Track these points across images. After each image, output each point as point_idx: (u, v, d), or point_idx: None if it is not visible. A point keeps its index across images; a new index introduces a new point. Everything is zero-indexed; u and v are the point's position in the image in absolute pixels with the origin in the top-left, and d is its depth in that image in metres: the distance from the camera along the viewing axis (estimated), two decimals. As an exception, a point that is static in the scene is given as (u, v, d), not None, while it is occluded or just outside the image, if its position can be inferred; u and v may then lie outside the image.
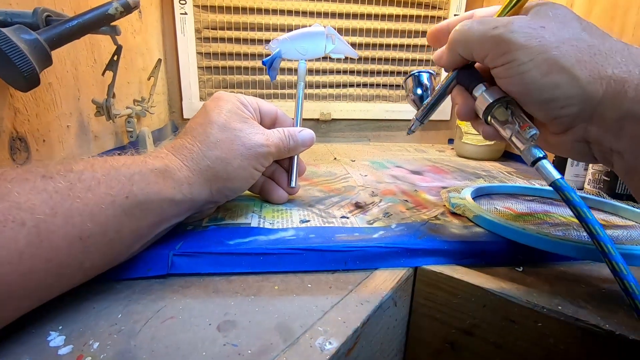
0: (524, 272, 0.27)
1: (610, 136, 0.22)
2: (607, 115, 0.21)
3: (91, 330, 0.19)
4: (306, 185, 0.43)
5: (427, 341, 0.28)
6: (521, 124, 0.24)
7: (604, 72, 0.21)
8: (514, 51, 0.22)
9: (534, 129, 0.23)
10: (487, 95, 0.25)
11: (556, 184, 0.22)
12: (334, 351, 0.19)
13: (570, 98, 0.22)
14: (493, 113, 0.25)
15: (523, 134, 0.23)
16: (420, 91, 0.32)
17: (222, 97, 0.31)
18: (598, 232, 0.20)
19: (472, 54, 0.25)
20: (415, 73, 0.32)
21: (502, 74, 0.24)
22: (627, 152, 0.21)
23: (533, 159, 0.23)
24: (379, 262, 0.27)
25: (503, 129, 0.25)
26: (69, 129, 0.37)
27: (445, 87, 0.29)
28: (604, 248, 0.20)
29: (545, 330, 0.23)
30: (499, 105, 0.25)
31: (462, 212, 0.34)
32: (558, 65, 0.21)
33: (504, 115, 0.25)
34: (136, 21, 0.54)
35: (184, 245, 0.26)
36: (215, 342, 0.19)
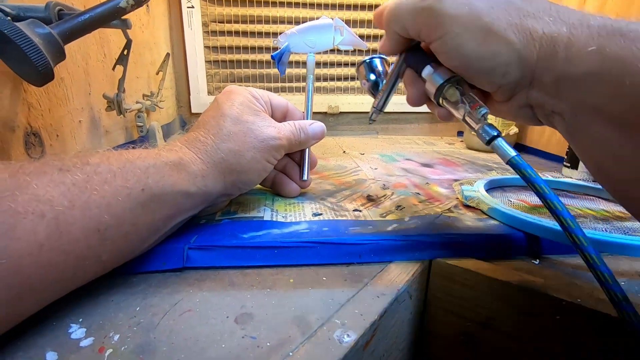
0: (540, 264, 0.27)
1: (550, 99, 0.21)
2: (544, 78, 0.21)
3: (110, 322, 0.20)
4: (317, 179, 0.42)
5: (443, 334, 0.28)
6: (471, 104, 0.23)
7: (536, 33, 0.20)
8: (446, 23, 0.21)
9: (485, 108, 0.23)
10: (436, 76, 0.24)
11: (512, 162, 0.21)
12: (353, 343, 0.19)
13: (509, 65, 0.21)
14: (444, 94, 0.24)
15: (474, 114, 0.23)
16: (373, 77, 0.31)
17: (234, 90, 0.31)
18: (557, 206, 0.20)
19: (407, 30, 0.24)
20: (366, 60, 0.32)
21: (439, 49, 0.23)
22: (566, 113, 0.21)
23: (488, 137, 0.22)
24: (394, 255, 0.27)
25: (455, 109, 0.24)
26: (81, 123, 0.37)
27: (396, 72, 0.28)
28: (564, 222, 0.20)
29: (565, 323, 0.23)
30: (449, 85, 0.24)
31: (476, 205, 0.33)
32: (492, 32, 0.20)
33: (454, 96, 0.24)
34: (144, 15, 0.54)
35: (199, 239, 0.26)
36: (233, 334, 0.19)
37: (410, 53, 0.26)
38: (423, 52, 0.26)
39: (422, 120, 0.78)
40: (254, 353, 0.18)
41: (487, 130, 0.22)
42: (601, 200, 0.37)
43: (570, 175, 0.47)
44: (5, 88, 0.26)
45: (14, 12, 0.25)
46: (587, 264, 0.19)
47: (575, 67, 0.19)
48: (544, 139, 0.59)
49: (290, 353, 0.18)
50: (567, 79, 0.20)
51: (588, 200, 0.37)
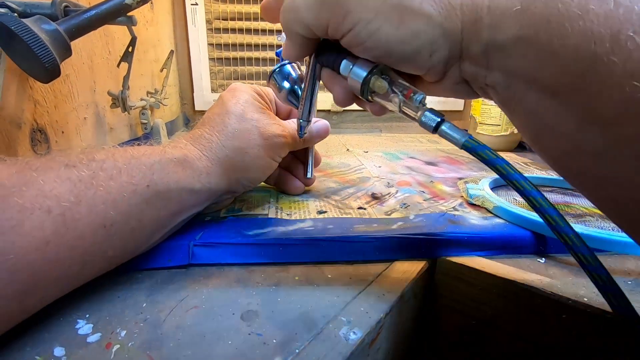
0: (546, 263, 0.27)
1: (481, 70, 0.19)
2: (472, 49, 0.19)
3: (117, 318, 0.20)
4: (321, 177, 0.42)
5: (447, 332, 0.28)
6: (404, 92, 0.21)
7: (454, 2, 0.18)
8: (354, 11, 0.19)
9: (420, 94, 0.20)
10: (356, 70, 0.22)
11: (467, 145, 0.19)
12: (359, 341, 0.19)
13: (434, 42, 0.19)
14: (371, 88, 0.22)
15: (411, 103, 0.20)
16: (288, 85, 0.29)
17: (239, 88, 0.31)
18: (524, 186, 0.19)
19: (310, 29, 0.21)
20: (275, 68, 0.29)
21: (353, 42, 0.20)
22: (499, 84, 0.19)
23: (433, 124, 0.20)
24: (399, 254, 0.27)
25: (388, 101, 0.22)
26: (86, 120, 0.37)
27: (311, 75, 0.25)
28: (534, 201, 0.19)
29: (570, 323, 0.22)
30: (374, 77, 0.21)
31: (481, 204, 0.33)
32: (407, 9, 0.18)
33: (382, 88, 0.21)
34: (148, 12, 0.54)
35: (204, 236, 0.26)
36: (239, 331, 0.19)
37: (320, 52, 0.24)
38: (334, 45, 0.22)
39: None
40: (261, 350, 0.18)
41: (429, 116, 0.20)
42: (607, 199, 0.37)
43: (575, 174, 0.47)
44: (11, 85, 0.26)
45: (20, 8, 0.25)
46: (567, 247, 0.19)
47: (502, 33, 0.17)
48: (549, 137, 0.59)
49: (296, 350, 0.18)
50: (495, 46, 0.18)
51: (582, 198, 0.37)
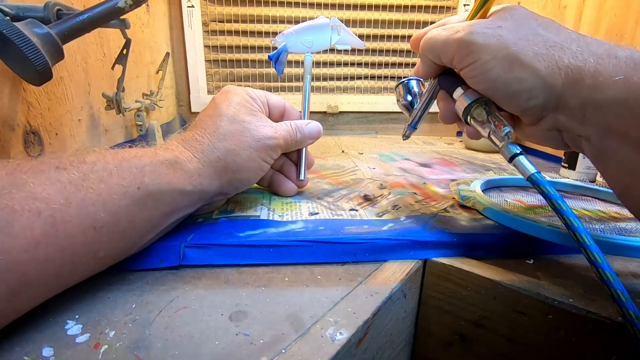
0: (534, 264, 0.27)
1: (576, 123, 0.23)
2: (570, 103, 0.22)
3: (107, 319, 0.20)
4: (314, 178, 0.43)
5: (437, 333, 0.28)
6: (496, 123, 0.25)
7: (562, 62, 0.22)
8: (476, 51, 0.23)
9: (508, 127, 0.25)
10: (465, 97, 0.27)
11: (532, 178, 0.23)
12: (345, 341, 0.19)
13: (533, 90, 0.23)
14: (471, 113, 0.26)
15: (499, 132, 0.25)
16: (410, 97, 0.34)
17: (231, 90, 0.31)
18: (573, 223, 0.21)
19: (440, 58, 0.27)
20: (404, 81, 0.34)
21: (469, 74, 0.25)
22: (592, 137, 0.22)
23: (510, 155, 0.24)
24: (389, 254, 0.27)
25: (482, 128, 0.26)
26: (80, 122, 0.37)
27: (430, 93, 0.31)
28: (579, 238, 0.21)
29: (556, 323, 0.23)
30: (476, 105, 0.26)
31: (471, 205, 0.33)
32: (518, 60, 0.22)
33: (481, 116, 0.26)
34: (144, 14, 0.54)
35: (195, 237, 0.27)
36: (227, 331, 0.19)
37: (442, 76, 0.29)
38: (455, 75, 0.28)
39: (422, 120, 0.78)
40: (247, 350, 0.18)
41: (509, 148, 0.24)
42: (597, 200, 0.38)
43: (567, 175, 0.47)
44: (4, 87, 0.26)
45: (13, 11, 0.25)
46: (590, 262, 0.20)
47: (602, 94, 0.21)
48: (543, 139, 0.59)
49: (282, 350, 0.18)
50: (593, 104, 0.21)
51: (584, 201, 0.37)
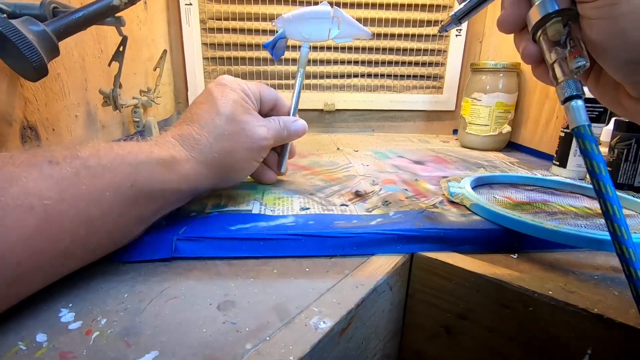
0: (518, 258, 0.28)
1: None
2: None
3: (99, 308, 0.21)
4: (308, 175, 0.43)
5: (424, 325, 0.29)
6: (572, 50, 0.19)
7: None
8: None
9: (584, 60, 0.19)
10: (548, 2, 0.20)
11: (578, 129, 0.19)
12: (328, 330, 0.19)
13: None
14: (547, 28, 0.20)
15: (569, 63, 0.19)
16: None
17: (227, 84, 0.32)
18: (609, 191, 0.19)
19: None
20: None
21: (589, 9, 0.19)
22: None
23: (565, 95, 0.19)
24: (376, 248, 0.28)
25: (549, 50, 0.21)
26: (77, 118, 0.38)
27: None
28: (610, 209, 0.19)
29: (536, 315, 0.23)
30: (557, 19, 0.20)
31: (460, 201, 0.34)
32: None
33: (557, 35, 0.20)
34: (142, 12, 0.55)
35: (187, 230, 0.27)
36: (215, 320, 0.20)
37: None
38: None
39: (418, 118, 0.79)
40: (233, 337, 0.19)
41: (571, 85, 0.19)
42: (585, 197, 0.38)
43: (558, 173, 0.48)
44: (2, 83, 0.27)
45: (10, 9, 0.26)
46: (620, 258, 0.19)
47: None
48: (536, 138, 0.60)
49: (267, 338, 0.19)
50: None
51: (572, 198, 0.38)
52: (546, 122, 0.57)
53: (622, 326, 0.21)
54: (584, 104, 0.19)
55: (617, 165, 0.39)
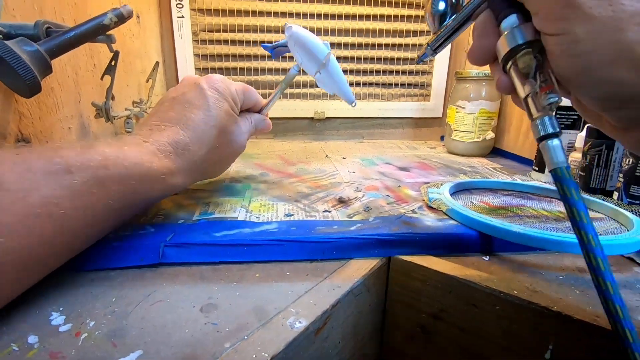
0: (490, 260, 0.29)
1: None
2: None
3: (88, 311, 0.22)
4: (295, 182, 0.45)
5: (401, 326, 0.30)
6: (543, 85, 0.18)
7: None
8: (571, 18, 0.16)
9: (556, 96, 0.18)
10: (517, 32, 0.19)
11: (555, 172, 0.18)
12: (303, 329, 0.21)
13: (632, 101, 0.16)
14: (516, 59, 0.19)
15: (541, 99, 0.18)
16: (443, 5, 0.26)
17: (220, 90, 0.33)
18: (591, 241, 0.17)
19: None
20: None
21: (552, 45, 0.17)
22: None
23: (540, 133, 0.18)
24: (355, 252, 0.29)
25: (521, 83, 0.19)
26: (71, 130, 0.39)
27: (470, 8, 0.23)
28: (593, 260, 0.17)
29: (503, 313, 0.25)
30: (526, 50, 0.19)
31: (437, 206, 0.35)
32: (629, 55, 0.15)
33: (527, 67, 0.19)
34: (134, 26, 0.56)
35: (175, 237, 0.29)
36: (197, 321, 0.21)
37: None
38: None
39: (407, 125, 0.81)
40: (213, 337, 0.20)
41: (544, 123, 0.18)
42: (560, 202, 0.40)
43: (537, 178, 0.49)
44: (-3, 99, 0.29)
45: (5, 30, 0.27)
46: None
47: None
48: (518, 144, 0.62)
49: (245, 337, 0.20)
50: None
51: (547, 202, 0.39)
52: (527, 128, 0.59)
53: (580, 322, 0.22)
54: (560, 143, 0.18)
55: (590, 171, 0.41)
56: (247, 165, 0.54)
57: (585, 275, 0.27)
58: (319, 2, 0.71)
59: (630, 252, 0.28)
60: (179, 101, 0.31)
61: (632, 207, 0.35)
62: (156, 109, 0.32)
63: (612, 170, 0.39)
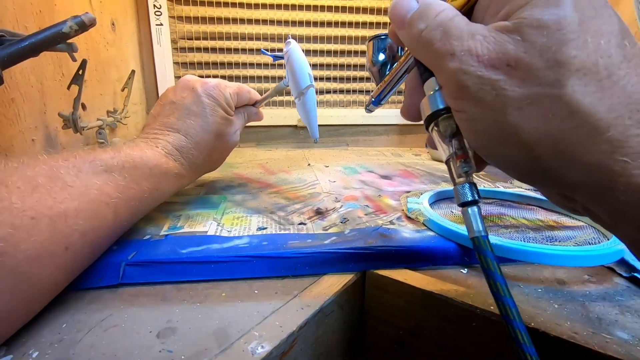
0: (468, 273, 0.28)
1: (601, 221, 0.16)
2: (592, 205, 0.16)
3: (33, 339, 0.20)
4: (272, 193, 0.43)
5: (378, 342, 0.29)
6: (459, 153, 0.18)
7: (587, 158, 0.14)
8: (466, 100, 0.16)
9: (469, 166, 0.18)
10: (438, 97, 0.18)
11: (474, 241, 0.18)
12: (265, 354, 0.19)
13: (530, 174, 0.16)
14: (438, 122, 0.19)
15: (457, 166, 0.18)
16: (382, 57, 0.26)
17: (215, 96, 0.36)
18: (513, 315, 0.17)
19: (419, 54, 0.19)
20: (380, 35, 0.26)
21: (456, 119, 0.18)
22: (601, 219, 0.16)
23: (461, 200, 0.18)
24: (328, 268, 0.28)
25: (441, 146, 0.19)
26: (34, 142, 0.37)
27: (404, 65, 0.23)
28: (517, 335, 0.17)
29: (480, 330, 0.24)
30: (447, 115, 0.18)
31: (415, 217, 0.35)
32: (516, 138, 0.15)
33: (446, 132, 0.19)
34: (109, 33, 0.55)
35: (138, 255, 0.27)
36: (151, 349, 0.20)
37: None
38: None
39: (392, 132, 0.80)
40: (166, 366, 0.18)
41: (464, 191, 0.18)
42: (541, 209, 0.39)
43: (520, 185, 0.49)
44: (-53, 111, 0.27)
45: (-46, 38, 0.26)
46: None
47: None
48: (502, 150, 0.61)
49: (201, 365, 0.18)
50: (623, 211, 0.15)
51: (528, 210, 0.39)
52: (510, 134, 0.59)
53: (556, 340, 0.21)
54: (479, 211, 0.18)
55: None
56: (226, 175, 0.52)
57: (565, 288, 0.27)
58: (300, 9, 0.70)
59: (610, 262, 0.28)
60: (178, 107, 0.35)
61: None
62: (157, 111, 0.36)
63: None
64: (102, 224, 0.24)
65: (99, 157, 0.26)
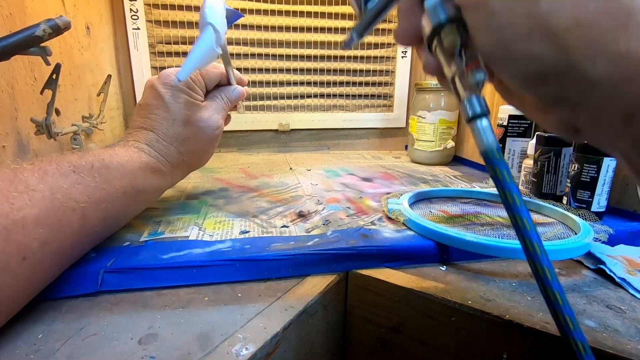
0: (447, 270, 0.29)
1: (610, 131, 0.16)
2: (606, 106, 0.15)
3: (7, 352, 0.20)
4: (254, 196, 0.43)
5: (362, 341, 0.30)
6: (469, 62, 0.17)
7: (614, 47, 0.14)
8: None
9: (482, 72, 0.17)
10: (439, 10, 0.18)
11: (486, 153, 0.17)
12: (250, 356, 0.19)
13: (550, 76, 0.15)
14: (441, 37, 0.18)
15: (467, 77, 0.17)
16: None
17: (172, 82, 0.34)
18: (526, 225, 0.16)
19: None
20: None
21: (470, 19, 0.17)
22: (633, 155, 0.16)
23: (470, 114, 0.17)
24: (311, 269, 0.28)
25: (447, 63, 0.19)
26: (5, 148, 0.36)
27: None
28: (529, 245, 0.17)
29: (459, 324, 0.25)
30: (450, 27, 0.18)
31: (395, 217, 0.35)
32: (544, 28, 0.14)
33: (452, 45, 0.18)
34: (84, 37, 0.54)
35: (117, 262, 0.26)
36: (133, 355, 0.19)
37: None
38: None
39: (372, 135, 0.82)
40: (149, 372, 0.18)
41: (473, 103, 0.17)
42: (515, 208, 0.41)
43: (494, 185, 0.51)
44: None
45: None
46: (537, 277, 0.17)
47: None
48: (478, 152, 0.63)
49: (184, 369, 0.18)
50: None
51: (502, 209, 0.40)
52: (485, 136, 0.61)
53: (530, 330, 0.22)
54: (489, 123, 0.17)
55: (541, 177, 0.43)
56: (206, 180, 0.52)
57: (537, 281, 0.28)
58: (279, 14, 0.71)
59: (578, 255, 0.29)
60: (142, 107, 0.35)
61: (579, 210, 0.37)
62: (131, 120, 0.36)
63: (560, 175, 0.41)
64: (67, 231, 0.23)
65: (66, 159, 0.25)
